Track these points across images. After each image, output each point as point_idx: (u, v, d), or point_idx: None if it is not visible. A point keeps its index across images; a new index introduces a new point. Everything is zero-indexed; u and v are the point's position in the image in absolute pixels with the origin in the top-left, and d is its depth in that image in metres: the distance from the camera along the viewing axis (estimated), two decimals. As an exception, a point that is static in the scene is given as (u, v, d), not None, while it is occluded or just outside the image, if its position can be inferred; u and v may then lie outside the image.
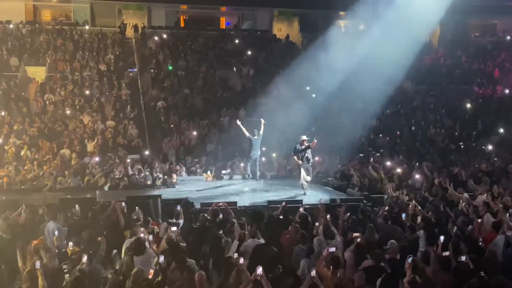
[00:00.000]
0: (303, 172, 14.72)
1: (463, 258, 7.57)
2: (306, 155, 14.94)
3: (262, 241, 8.97)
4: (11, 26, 31.21)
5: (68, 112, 23.63)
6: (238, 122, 17.54)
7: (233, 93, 27.44)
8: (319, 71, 28.35)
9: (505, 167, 18.04)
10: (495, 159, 20.12)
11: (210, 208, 11.23)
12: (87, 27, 32.60)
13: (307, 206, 12.14)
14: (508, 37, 36.45)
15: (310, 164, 15.36)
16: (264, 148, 19.84)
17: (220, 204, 11.56)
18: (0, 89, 25.15)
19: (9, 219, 10.50)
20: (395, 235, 9.30)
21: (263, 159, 20.20)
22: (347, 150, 22.57)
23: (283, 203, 11.87)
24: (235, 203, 12.69)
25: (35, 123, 22.47)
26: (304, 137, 15.27)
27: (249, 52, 31.66)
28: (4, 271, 8.12)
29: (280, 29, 35.06)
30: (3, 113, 23.05)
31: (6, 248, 9.17)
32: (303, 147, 14.92)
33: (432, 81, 30.48)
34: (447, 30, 35.44)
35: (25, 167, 17.90)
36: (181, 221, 10.41)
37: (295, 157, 15.30)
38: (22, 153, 20.01)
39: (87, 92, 25.52)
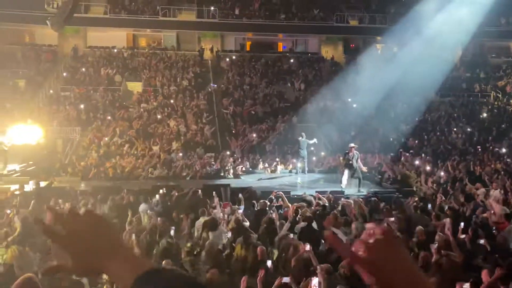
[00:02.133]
0: (345, 173, 14.36)
1: (482, 241, 7.27)
2: (350, 162, 14.21)
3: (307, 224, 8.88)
4: (115, 50, 32.19)
5: (158, 117, 24.15)
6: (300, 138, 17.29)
7: (287, 104, 27.35)
8: (359, 86, 27.98)
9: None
10: (508, 159, 19.31)
11: (269, 196, 11.25)
12: (173, 51, 33.23)
13: (348, 197, 11.99)
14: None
15: (355, 169, 14.26)
16: (312, 148, 19.71)
17: (277, 192, 11.55)
18: (108, 99, 25.99)
19: (115, 200, 10.84)
20: (422, 222, 9.03)
21: (313, 158, 20.06)
22: (382, 151, 22.14)
23: (328, 193, 11.76)
24: (289, 192, 12.65)
25: (133, 126, 23.07)
26: (352, 145, 14.84)
27: (301, 70, 31.50)
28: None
29: (327, 51, 34.66)
30: (109, 117, 23.83)
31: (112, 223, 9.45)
32: (351, 153, 14.33)
33: (455, 94, 29.49)
34: (467, 51, 34.23)
35: (126, 160, 18.40)
36: (242, 207, 10.43)
37: (341, 159, 15.02)
38: (123, 149, 20.59)
39: (173, 102, 26.02)
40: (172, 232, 7.62)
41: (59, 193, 11.94)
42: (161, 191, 11.50)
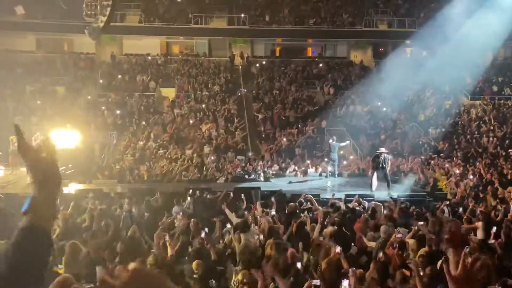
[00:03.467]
0: (375, 176, 14.14)
1: None
2: (380, 165, 13.88)
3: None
4: (149, 57, 32.73)
5: (191, 122, 24.39)
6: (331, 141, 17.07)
7: (317, 108, 27.20)
8: (388, 90, 27.61)
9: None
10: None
11: (299, 199, 11.20)
12: (205, 57, 33.56)
13: (377, 200, 11.82)
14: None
15: (384, 173, 13.94)
16: (342, 152, 19.54)
17: (307, 195, 11.49)
18: (143, 105, 26.43)
19: (150, 201, 11.00)
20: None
21: (344, 162, 19.88)
22: (412, 154, 21.75)
23: (357, 197, 11.63)
24: (319, 195, 12.56)
25: (167, 130, 23.37)
26: (382, 149, 14.61)
27: (330, 75, 31.31)
28: (143, 242, 8.45)
29: (356, 56, 34.36)
30: (144, 122, 24.22)
31: (147, 224, 9.59)
32: (381, 157, 13.97)
33: (485, 97, 28.77)
34: (498, 54, 33.36)
35: (160, 164, 18.64)
36: (273, 211, 10.39)
37: (371, 162, 14.80)
38: (157, 153, 20.86)
39: (205, 107, 26.24)
40: (203, 234, 7.67)
41: (97, 195, 12.21)
42: (190, 191, 11.56)
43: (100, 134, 22.97)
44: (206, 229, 8.00)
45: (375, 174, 14.09)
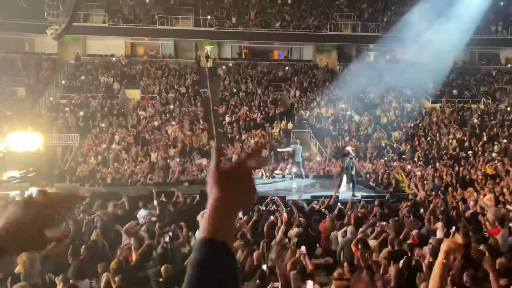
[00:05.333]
0: (344, 178, 14.24)
1: (481, 247, 7.25)
2: (346, 165, 13.81)
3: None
4: (113, 58, 32.22)
5: (156, 124, 24.14)
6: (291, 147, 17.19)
7: (283, 110, 27.39)
8: (352, 93, 28.16)
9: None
10: (498, 164, 19.32)
11: (265, 200, 11.23)
12: (171, 59, 33.30)
13: (343, 201, 11.97)
14: (509, 65, 35.12)
15: (350, 173, 13.86)
16: (307, 154, 19.75)
17: (273, 197, 11.53)
18: (107, 106, 25.98)
19: (117, 206, 10.81)
20: (415, 226, 9.04)
21: (310, 163, 20.08)
22: (375, 156, 22.22)
23: (323, 198, 11.75)
24: (285, 197, 12.62)
25: (131, 132, 23.06)
26: (349, 148, 14.76)
27: (296, 78, 31.61)
28: (106, 247, 8.31)
29: (321, 59, 34.80)
30: (107, 124, 23.82)
31: (111, 228, 9.40)
32: (347, 157, 13.94)
33: (445, 100, 29.68)
34: (459, 58, 34.50)
35: (124, 167, 18.36)
36: (240, 212, 10.38)
37: (334, 159, 14.94)
38: (121, 155, 20.55)
39: (170, 109, 26.02)
40: (167, 238, 7.59)
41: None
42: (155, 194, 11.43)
43: (62, 136, 22.45)
44: (170, 233, 7.91)
45: (344, 175, 14.22)
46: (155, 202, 10.96)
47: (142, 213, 10.25)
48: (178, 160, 19.44)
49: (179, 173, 16.99)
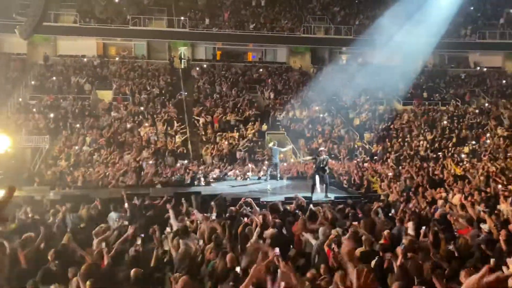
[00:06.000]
0: (317, 179, 14.34)
1: (451, 247, 7.40)
2: (320, 165, 13.99)
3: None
4: (85, 59, 31.69)
5: (129, 126, 23.86)
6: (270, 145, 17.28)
7: (258, 112, 27.44)
8: (326, 95, 28.44)
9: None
10: (467, 165, 19.79)
11: (239, 202, 11.21)
12: (144, 60, 32.97)
13: (315, 202, 12.05)
14: (478, 68, 36.07)
15: (323, 175, 14.05)
16: (281, 155, 19.83)
17: (247, 199, 11.52)
18: (78, 108, 25.53)
19: (90, 208, 10.64)
20: (386, 226, 9.17)
21: (284, 164, 20.18)
22: (348, 157, 22.49)
23: (297, 199, 11.79)
24: (259, 199, 12.63)
25: (103, 134, 22.73)
26: (322, 149, 14.89)
27: (270, 80, 31.73)
28: (77, 251, 8.13)
29: (295, 61, 35.03)
30: (78, 126, 23.40)
31: (84, 231, 9.23)
32: (321, 157, 14.08)
33: (416, 102, 30.26)
34: (429, 61, 35.24)
35: (95, 169, 18.08)
36: (214, 215, 10.31)
37: (307, 160, 14.96)
38: (93, 157, 20.24)
39: (144, 110, 25.75)
40: (139, 241, 7.50)
41: (28, 203, 11.61)
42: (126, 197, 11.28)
43: (31, 138, 21.96)
44: (142, 235, 7.83)
45: (317, 176, 14.29)
46: (126, 205, 10.82)
47: (113, 216, 10.10)
48: (151, 162, 19.26)
49: (152, 175, 16.82)
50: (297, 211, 10.90)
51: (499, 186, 13.54)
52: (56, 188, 15.32)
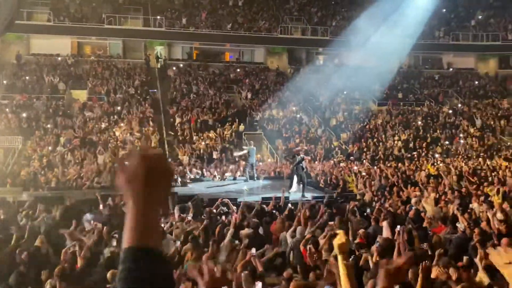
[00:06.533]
0: (295, 179, 14.42)
1: (424, 245, 7.52)
2: (296, 165, 14.20)
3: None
4: (59, 58, 31.16)
5: (103, 126, 23.56)
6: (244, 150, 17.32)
7: (235, 112, 27.43)
8: (303, 95, 28.62)
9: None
10: (441, 164, 20.18)
11: (216, 203, 11.20)
12: (119, 59, 32.60)
13: (293, 202, 12.11)
14: (451, 69, 36.80)
15: (300, 174, 14.21)
16: (258, 155, 19.87)
17: (223, 199, 11.52)
18: (51, 107, 25.09)
19: (61, 209, 10.47)
20: (361, 226, 9.28)
21: (260, 163, 20.21)
22: (324, 157, 22.67)
23: (273, 199, 11.84)
24: (236, 199, 12.64)
25: (77, 134, 22.39)
26: (299, 148, 14.95)
27: (247, 80, 31.75)
28: (50, 253, 8.03)
29: (272, 62, 35.12)
30: (52, 126, 23.00)
31: (57, 233, 9.08)
32: (298, 157, 14.23)
33: (391, 102, 30.69)
34: (404, 63, 35.76)
35: (69, 170, 17.79)
36: (190, 215, 10.28)
37: (287, 160, 15.01)
38: (67, 158, 19.92)
39: (119, 110, 25.47)
40: (114, 242, 7.43)
41: (0, 204, 11.37)
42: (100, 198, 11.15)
43: (4, 138, 21.49)
44: (117, 236, 7.75)
45: (295, 175, 14.39)
46: (101, 206, 10.70)
47: (87, 217, 9.97)
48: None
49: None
50: (274, 211, 10.96)
51: (472, 185, 13.85)
52: (29, 189, 15.02)
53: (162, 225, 8.87)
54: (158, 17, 32.78)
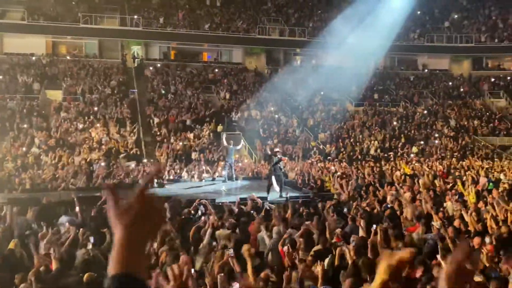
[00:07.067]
0: (274, 180, 14.45)
1: (400, 244, 7.62)
2: (274, 165, 14.25)
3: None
4: (34, 58, 30.59)
5: (79, 126, 23.24)
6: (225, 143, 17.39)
7: (213, 112, 27.36)
8: (281, 95, 28.73)
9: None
10: (416, 164, 20.52)
11: (194, 204, 11.15)
12: (95, 59, 32.18)
13: (270, 202, 12.16)
14: (426, 70, 37.43)
15: (278, 174, 14.29)
16: (237, 156, 19.86)
17: (201, 200, 11.48)
18: (26, 108, 24.63)
19: (36, 211, 10.29)
20: (338, 225, 9.37)
21: (239, 164, 20.21)
22: (302, 157, 22.79)
23: (250, 200, 11.85)
24: (214, 200, 12.61)
25: (52, 135, 22.03)
26: (277, 149, 15.04)
27: (226, 80, 31.72)
28: (24, 256, 7.89)
29: (251, 62, 35.17)
30: (26, 126, 22.58)
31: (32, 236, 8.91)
32: (276, 158, 14.31)
33: (367, 103, 31.05)
34: (379, 64, 36.22)
35: (44, 171, 17.50)
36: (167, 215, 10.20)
37: (266, 164, 15.08)
38: (42, 159, 19.60)
39: (95, 110, 25.15)
40: (90, 245, 7.33)
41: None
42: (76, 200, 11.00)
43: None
44: (92, 239, 7.65)
45: (273, 176, 14.40)
46: (77, 209, 10.54)
47: (63, 220, 9.81)
48: (103, 164, 18.81)
49: (103, 178, 16.44)
50: (252, 211, 10.97)
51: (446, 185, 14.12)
52: (3, 191, 14.71)
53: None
54: (135, 16, 32.49)
